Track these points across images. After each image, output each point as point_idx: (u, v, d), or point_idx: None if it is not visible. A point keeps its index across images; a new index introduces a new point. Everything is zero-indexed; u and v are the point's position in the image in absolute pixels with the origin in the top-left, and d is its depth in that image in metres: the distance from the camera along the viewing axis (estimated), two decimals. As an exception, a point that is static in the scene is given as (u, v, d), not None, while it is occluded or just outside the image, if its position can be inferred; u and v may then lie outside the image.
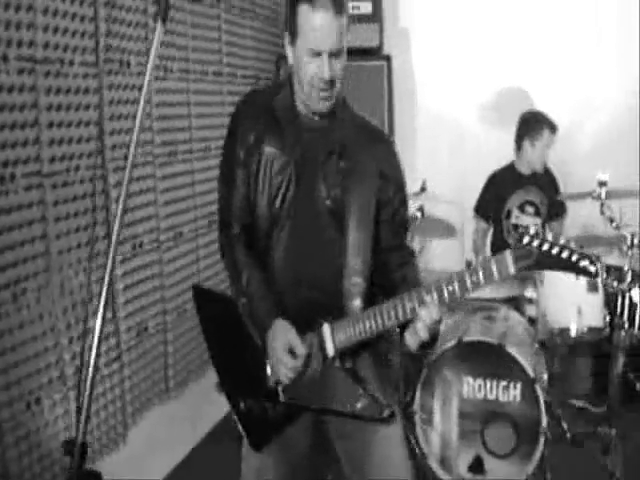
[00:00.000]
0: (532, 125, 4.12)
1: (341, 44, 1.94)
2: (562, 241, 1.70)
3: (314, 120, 2.06)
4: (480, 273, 1.76)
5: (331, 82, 1.95)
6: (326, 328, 2.00)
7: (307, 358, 1.99)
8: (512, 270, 1.72)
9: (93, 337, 1.47)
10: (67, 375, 2.75)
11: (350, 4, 4.29)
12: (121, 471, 3.05)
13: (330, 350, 1.99)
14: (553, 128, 4.10)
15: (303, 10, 1.91)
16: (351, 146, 2.06)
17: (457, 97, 4.71)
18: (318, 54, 1.91)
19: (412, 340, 1.91)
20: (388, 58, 4.44)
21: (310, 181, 2.05)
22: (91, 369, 1.48)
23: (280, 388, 2.04)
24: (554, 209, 4.32)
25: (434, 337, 1.94)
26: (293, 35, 1.95)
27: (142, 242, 3.19)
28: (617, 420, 3.48)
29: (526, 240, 1.71)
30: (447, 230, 4.12)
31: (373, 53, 4.41)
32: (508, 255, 1.72)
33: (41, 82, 2.54)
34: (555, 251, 1.69)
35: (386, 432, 2.11)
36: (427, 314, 1.84)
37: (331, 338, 1.99)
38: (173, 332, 3.43)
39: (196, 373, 3.68)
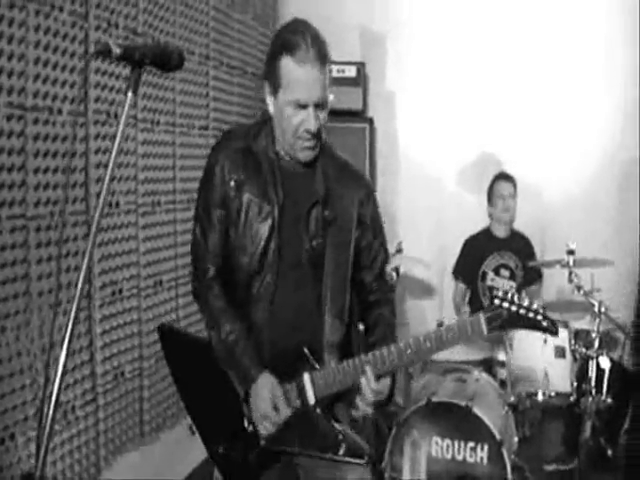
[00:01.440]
0: (491, 182, 4.30)
1: (325, 94, 1.97)
2: (526, 303, 1.86)
3: (296, 166, 2.09)
4: (456, 330, 1.89)
5: (317, 133, 2.00)
6: (307, 378, 2.04)
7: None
8: (485, 330, 1.87)
9: (56, 374, 1.48)
10: (44, 413, 2.78)
11: (335, 67, 4.46)
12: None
13: (311, 398, 2.04)
14: (505, 177, 4.29)
15: (287, 63, 1.94)
16: (333, 194, 2.09)
17: (438, 161, 4.84)
18: (303, 106, 1.95)
19: (362, 405, 2.01)
20: (371, 121, 4.58)
21: (293, 231, 2.08)
22: (52, 404, 1.50)
23: (259, 433, 2.08)
24: (530, 275, 4.44)
25: (388, 398, 2.05)
26: (275, 86, 1.98)
27: (122, 288, 3.26)
28: (586, 480, 3.49)
29: (497, 302, 1.86)
30: (425, 290, 4.21)
31: (357, 115, 4.55)
32: (481, 316, 1.87)
33: (30, 129, 2.64)
34: (522, 312, 1.85)
35: (355, 474, 2.16)
36: (367, 387, 1.96)
37: (312, 387, 2.04)
38: (149, 378, 3.46)
39: (171, 420, 3.70)
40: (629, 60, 4.53)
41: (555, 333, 1.88)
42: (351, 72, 4.48)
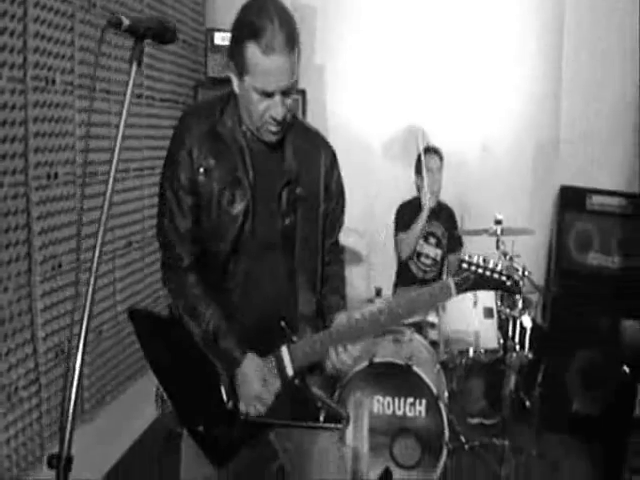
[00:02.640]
0: (419, 155, 4.44)
1: (293, 80, 1.93)
2: (491, 265, 1.94)
3: (264, 146, 2.06)
4: (426, 295, 1.96)
5: (283, 120, 1.97)
6: (284, 350, 2.06)
7: None
8: (454, 292, 1.94)
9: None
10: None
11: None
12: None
13: (289, 370, 2.06)
14: (433, 150, 4.43)
15: (253, 51, 1.84)
16: (303, 170, 2.09)
17: (367, 133, 4.87)
18: (269, 94, 1.90)
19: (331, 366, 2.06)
20: (303, 92, 4.56)
21: (266, 211, 2.07)
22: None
23: (240, 408, 2.09)
24: (452, 243, 4.62)
25: None
26: (240, 70, 1.90)
27: (61, 262, 3.13)
28: (509, 433, 3.76)
29: (464, 266, 1.93)
30: (353, 259, 4.29)
31: (289, 87, 4.50)
32: (450, 281, 1.94)
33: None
34: (488, 274, 1.93)
35: (325, 442, 2.21)
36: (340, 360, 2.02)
37: (289, 359, 2.06)
38: (89, 355, 3.36)
39: (112, 394, 3.63)
40: (549, 33, 4.70)
41: (519, 292, 1.98)
42: (284, 45, 4.41)
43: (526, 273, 3.73)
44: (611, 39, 4.60)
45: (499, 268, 1.93)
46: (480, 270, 1.92)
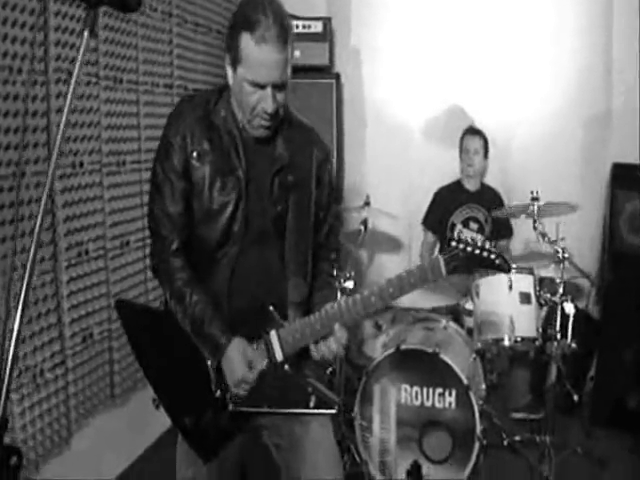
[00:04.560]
0: (460, 137, 4.30)
1: (285, 76, 1.94)
2: (480, 243, 1.90)
3: (257, 140, 2.07)
4: (417, 274, 1.91)
5: (274, 114, 1.97)
6: (273, 335, 2.05)
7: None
8: (444, 272, 1.89)
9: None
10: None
11: (301, 23, 4.41)
12: (65, 475, 3.06)
13: (279, 355, 2.04)
14: (473, 132, 4.29)
15: (246, 42, 1.88)
16: (295, 159, 2.10)
17: (405, 115, 4.80)
18: (261, 86, 1.92)
19: (316, 354, 2.04)
20: (337, 76, 4.54)
21: (258, 200, 2.07)
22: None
23: (228, 396, 2.08)
24: (500, 229, 4.45)
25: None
26: (234, 61, 1.94)
27: (88, 250, 3.22)
28: (553, 428, 3.58)
29: (453, 244, 1.90)
30: (393, 244, 4.21)
31: (323, 71, 4.51)
32: (440, 258, 1.89)
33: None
34: (477, 252, 1.89)
35: (319, 421, 2.17)
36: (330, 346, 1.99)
37: (279, 344, 2.04)
38: (119, 340, 3.44)
39: (143, 382, 3.68)
40: (598, 3, 4.51)
41: (508, 270, 1.93)
42: (317, 27, 4.42)
43: (566, 255, 3.62)
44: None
45: (487, 246, 1.90)
46: (469, 248, 1.88)
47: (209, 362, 2.08)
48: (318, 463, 2.16)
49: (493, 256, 1.89)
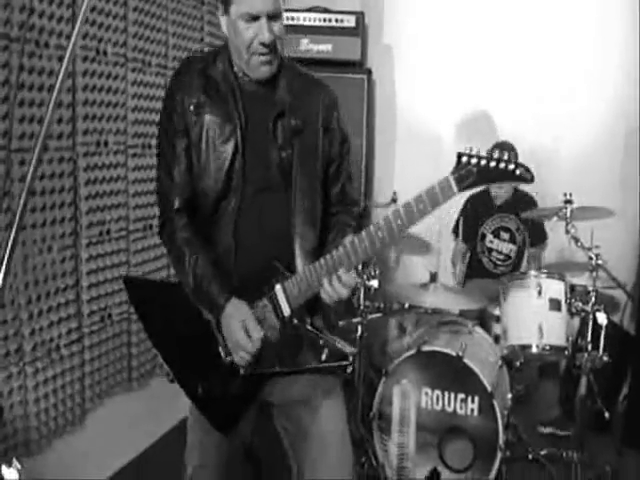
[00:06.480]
0: (490, 150, 4.16)
1: (278, 4, 1.91)
2: (495, 155, 1.72)
3: (257, 85, 2.02)
4: (426, 199, 1.76)
5: (273, 45, 1.93)
6: (278, 289, 1.98)
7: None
8: (455, 190, 1.73)
9: None
10: (25, 350, 2.77)
11: (334, 17, 4.39)
12: (77, 453, 3.07)
13: (286, 310, 1.98)
14: (498, 146, 4.15)
15: None
16: (298, 103, 2.03)
17: (436, 114, 4.71)
18: (255, 18, 1.89)
19: (327, 297, 1.94)
20: (369, 71, 4.51)
21: (260, 146, 2.01)
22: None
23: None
24: (534, 236, 4.34)
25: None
26: (226, 2, 1.93)
27: (109, 229, 3.23)
28: (582, 445, 3.43)
29: (464, 160, 1.73)
30: (421, 246, 4.11)
31: (355, 66, 4.48)
32: (450, 178, 1.73)
33: (14, 60, 2.58)
34: (492, 164, 1.72)
35: (329, 411, 2.12)
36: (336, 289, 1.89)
37: (285, 298, 1.98)
38: (138, 323, 3.41)
39: (162, 367, 3.67)
40: (634, 14, 4.40)
41: (531, 180, 1.72)
42: (350, 22, 4.39)
43: (600, 262, 3.48)
44: None
45: (505, 157, 1.72)
46: (483, 162, 1.71)
47: (216, 330, 2.05)
48: (323, 461, 2.09)
49: (512, 166, 1.71)
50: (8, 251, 1.41)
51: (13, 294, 2.70)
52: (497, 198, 4.29)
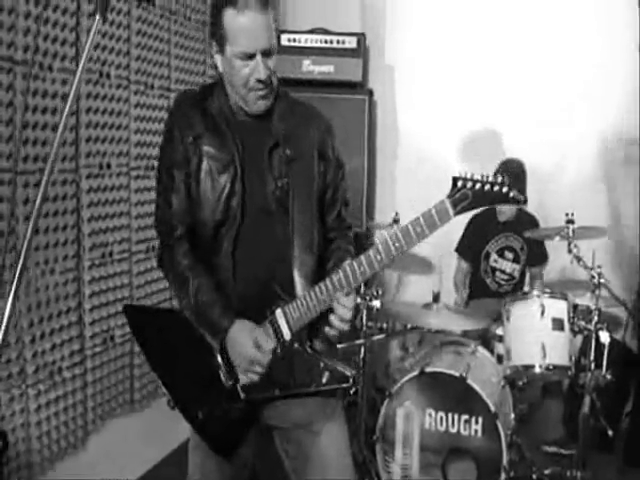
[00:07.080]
0: (497, 169, 4.18)
1: (271, 41, 1.95)
2: (491, 178, 1.76)
3: (252, 119, 2.06)
4: (423, 223, 1.79)
5: (269, 81, 1.97)
6: (279, 313, 2.01)
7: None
8: (451, 213, 1.76)
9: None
10: (27, 373, 2.76)
11: (335, 38, 4.42)
12: (79, 475, 3.06)
13: (286, 334, 2.00)
14: (505, 163, 4.17)
15: (228, 15, 1.91)
16: (292, 134, 2.06)
17: (437, 134, 4.74)
18: (250, 56, 1.93)
19: (331, 331, 1.98)
20: (370, 92, 4.53)
21: (256, 177, 2.05)
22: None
23: (239, 386, 2.04)
24: (536, 257, 4.35)
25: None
26: (221, 43, 1.96)
27: (112, 251, 3.23)
28: (585, 463, 3.40)
29: (459, 184, 1.76)
30: (423, 266, 4.11)
31: (356, 87, 4.50)
32: (446, 201, 1.76)
33: (18, 83, 2.61)
34: (487, 187, 1.75)
35: (330, 435, 2.12)
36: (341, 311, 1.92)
37: (285, 321, 2.00)
38: (141, 344, 3.42)
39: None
40: (631, 36, 4.43)
41: (524, 202, 1.79)
42: (351, 43, 4.42)
43: (602, 280, 3.49)
44: None
45: (499, 180, 1.75)
46: (478, 185, 1.75)
47: (219, 355, 2.05)
48: (327, 472, 2.09)
49: (505, 189, 1.75)
50: (17, 275, 1.42)
51: (15, 317, 2.70)
52: (501, 214, 4.28)
